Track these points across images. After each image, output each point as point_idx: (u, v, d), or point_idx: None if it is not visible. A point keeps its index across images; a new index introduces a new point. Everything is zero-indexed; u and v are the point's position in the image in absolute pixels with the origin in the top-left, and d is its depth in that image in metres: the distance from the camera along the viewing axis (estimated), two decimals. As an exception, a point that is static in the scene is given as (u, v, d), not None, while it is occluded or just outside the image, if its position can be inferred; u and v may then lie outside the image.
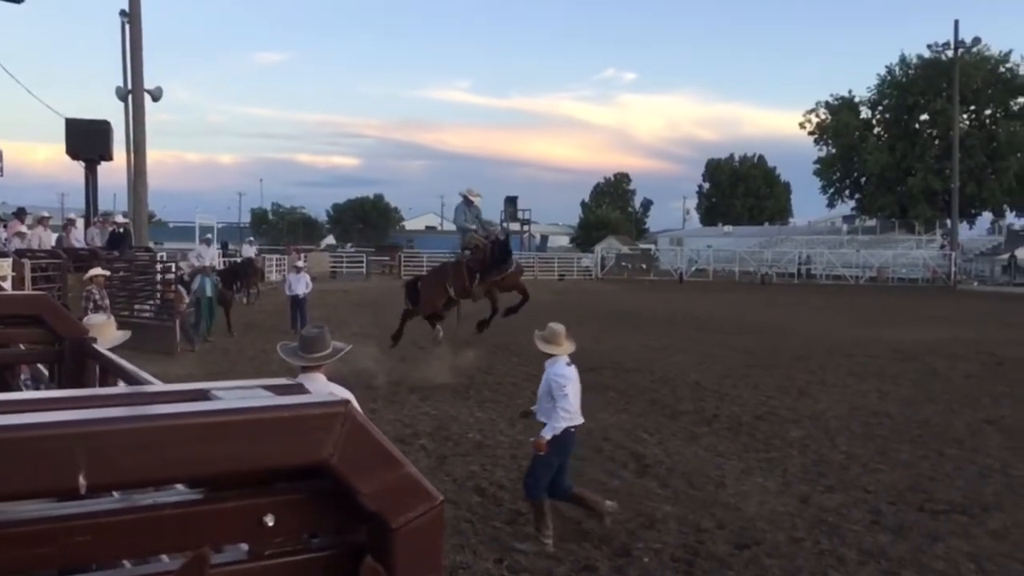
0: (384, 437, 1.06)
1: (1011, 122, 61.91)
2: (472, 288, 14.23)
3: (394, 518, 1.05)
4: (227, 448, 1.00)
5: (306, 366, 4.86)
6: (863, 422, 10.65)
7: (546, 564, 5.73)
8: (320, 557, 1.13)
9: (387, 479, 1.04)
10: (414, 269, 51.77)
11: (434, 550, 1.07)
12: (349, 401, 1.03)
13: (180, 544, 1.07)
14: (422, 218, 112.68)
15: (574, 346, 6.56)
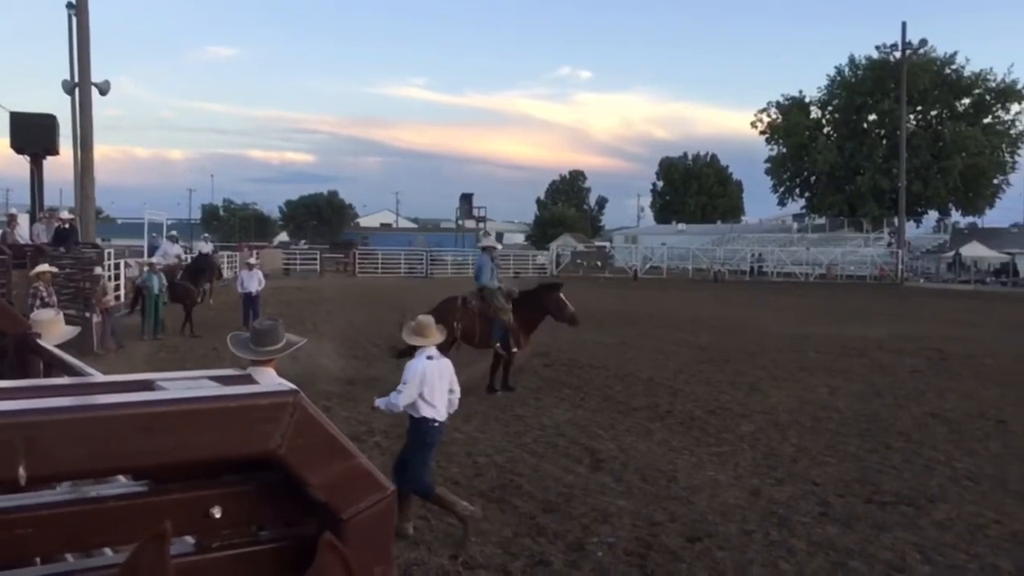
0: (334, 427, 1.05)
1: (956, 122, 63.46)
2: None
3: (344, 509, 1.04)
4: (172, 439, 0.99)
5: (256, 360, 4.74)
6: (812, 416, 10.83)
7: (501, 559, 5.74)
8: (269, 549, 1.12)
9: (337, 470, 1.03)
10: (369, 266, 51.54)
11: (384, 540, 1.07)
12: (298, 391, 1.02)
13: (124, 537, 1.05)
14: (377, 215, 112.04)
15: (443, 336, 6.64)
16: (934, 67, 64.23)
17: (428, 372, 6.27)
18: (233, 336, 5.05)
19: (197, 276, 19.96)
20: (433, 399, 6.26)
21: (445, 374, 6.43)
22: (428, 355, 6.39)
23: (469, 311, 12.68)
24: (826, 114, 70.45)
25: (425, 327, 6.50)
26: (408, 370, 6.33)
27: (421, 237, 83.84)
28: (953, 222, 68.53)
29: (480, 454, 8.60)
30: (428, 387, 6.23)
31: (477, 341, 12.64)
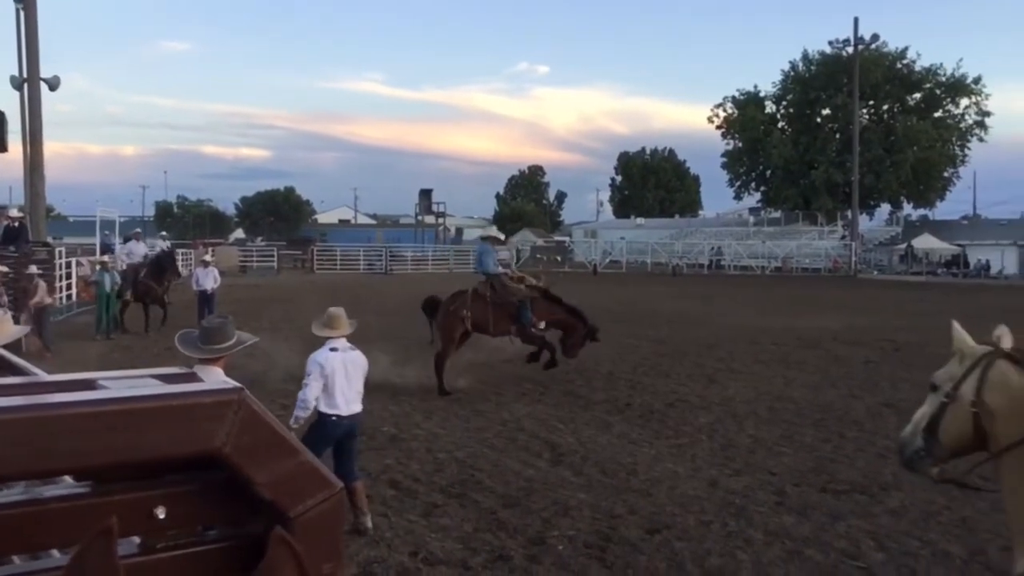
0: (281, 425, 1.04)
1: (907, 116, 64.60)
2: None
3: (292, 507, 1.03)
4: (114, 439, 0.97)
5: (205, 359, 4.66)
6: (768, 407, 10.98)
7: (462, 555, 5.74)
8: (216, 549, 1.10)
9: (283, 468, 1.02)
10: (328, 263, 51.14)
11: (334, 538, 1.06)
12: (243, 388, 1.00)
13: (67, 539, 1.03)
14: (335, 211, 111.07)
15: (352, 328, 6.46)
16: (886, 62, 65.27)
17: (328, 364, 6.13)
18: (181, 335, 4.95)
19: (161, 274, 19.41)
20: (333, 392, 6.09)
21: (353, 367, 6.25)
22: (332, 347, 6.24)
23: (480, 300, 12.53)
24: (781, 109, 71.28)
25: (335, 319, 6.37)
26: (309, 363, 6.21)
27: (380, 233, 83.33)
28: (905, 215, 69.80)
29: (440, 450, 8.59)
30: (328, 380, 6.09)
31: (492, 329, 12.53)
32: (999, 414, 3.06)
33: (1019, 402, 3.04)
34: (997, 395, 3.08)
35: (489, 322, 12.41)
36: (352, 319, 6.57)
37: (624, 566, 5.60)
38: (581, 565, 5.60)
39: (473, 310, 12.33)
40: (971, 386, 3.16)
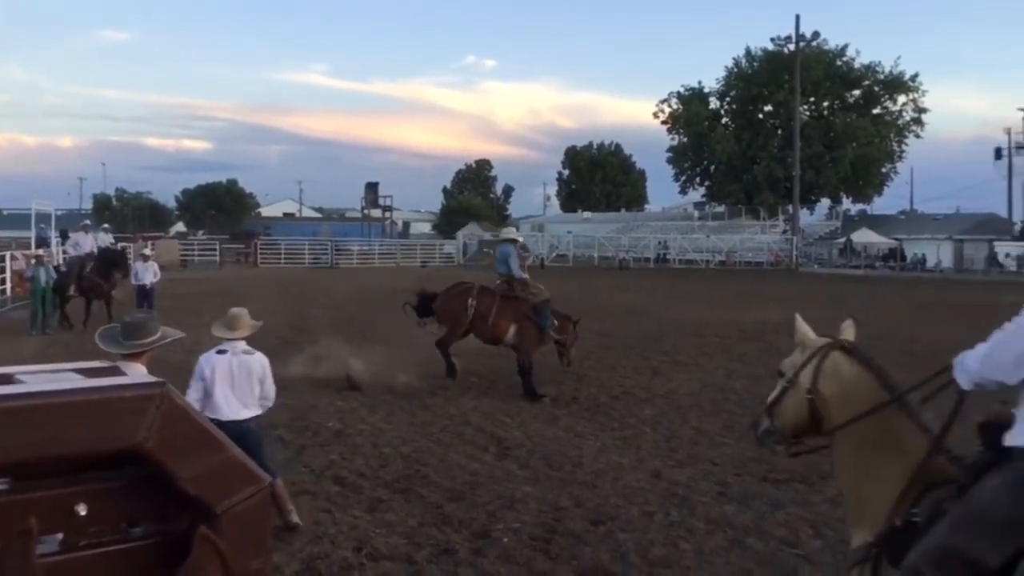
0: (206, 419, 1.02)
1: (847, 113, 65.95)
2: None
3: (217, 502, 1.01)
4: (32, 434, 0.94)
5: (127, 355, 4.55)
6: (711, 399, 11.14)
7: (406, 549, 5.72)
8: (141, 546, 1.08)
9: (208, 463, 1.00)
10: (271, 257, 50.46)
11: (261, 534, 1.04)
12: (165, 383, 0.98)
13: (-17, 539, 1.00)
14: (279, 204, 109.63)
15: (254, 329, 6.23)
16: (826, 59, 66.53)
17: (208, 366, 5.95)
18: (102, 331, 4.81)
19: (108, 270, 18.64)
20: (212, 395, 5.87)
21: (241, 371, 5.97)
22: (221, 349, 6.02)
23: (486, 293, 12.08)
24: (724, 105, 72.25)
25: (235, 320, 6.13)
26: (196, 364, 6.01)
27: (326, 227, 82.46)
28: (844, 209, 71.25)
29: (386, 445, 8.55)
30: (208, 383, 5.89)
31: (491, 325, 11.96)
32: (831, 400, 3.36)
33: (848, 390, 3.32)
34: (830, 383, 3.38)
35: (491, 317, 11.94)
36: (257, 320, 6.34)
37: (569, 558, 5.64)
38: (526, 557, 5.62)
39: (479, 300, 11.98)
40: (808, 374, 3.45)
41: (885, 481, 3.13)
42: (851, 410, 3.28)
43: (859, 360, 3.40)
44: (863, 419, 3.22)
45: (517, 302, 12.02)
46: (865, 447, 3.24)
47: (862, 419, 3.22)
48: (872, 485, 3.19)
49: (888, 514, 3.05)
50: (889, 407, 3.20)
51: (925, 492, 2.97)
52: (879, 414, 3.20)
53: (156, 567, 1.06)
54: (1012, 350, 2.72)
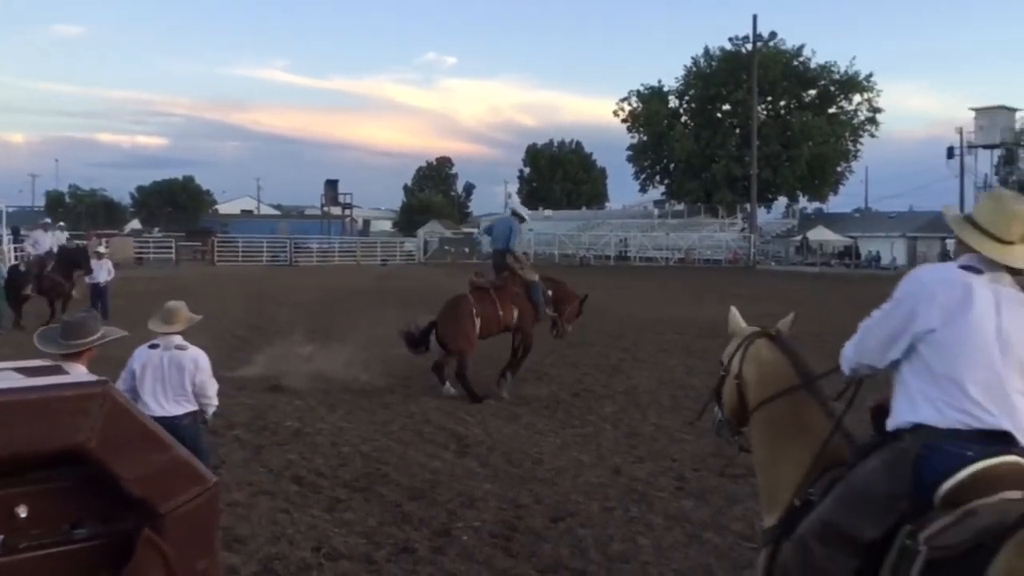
0: (149, 419, 1.00)
1: (803, 112, 66.84)
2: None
3: (162, 503, 0.99)
4: (-32, 436, 0.92)
5: (66, 354, 4.46)
6: (671, 395, 11.22)
7: (365, 548, 5.69)
8: (84, 548, 1.06)
9: (153, 463, 0.98)
10: (229, 255, 49.85)
11: (207, 534, 1.03)
12: (107, 381, 0.96)
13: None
14: (237, 201, 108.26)
15: (191, 323, 6.07)
16: (783, 59, 67.39)
17: (138, 361, 5.84)
18: (41, 332, 4.71)
19: (71, 269, 18.05)
20: (141, 391, 5.73)
21: (172, 367, 5.82)
22: (152, 343, 5.89)
23: (482, 294, 11.66)
24: (683, 104, 72.83)
25: (171, 313, 5.96)
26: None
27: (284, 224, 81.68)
28: (801, 208, 72.21)
29: (345, 444, 8.49)
30: (138, 379, 5.78)
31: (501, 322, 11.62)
32: (751, 383, 3.57)
33: (765, 372, 3.53)
34: (751, 367, 3.61)
35: (498, 314, 11.61)
36: (197, 314, 6.21)
37: (528, 554, 5.65)
38: (486, 555, 5.62)
39: (481, 308, 11.53)
40: (736, 361, 3.69)
41: (792, 463, 3.26)
42: (766, 393, 3.45)
43: (780, 347, 3.59)
44: (775, 402, 3.39)
45: (510, 285, 11.90)
46: (777, 431, 3.39)
47: (773, 401, 3.40)
48: (781, 467, 3.32)
49: (791, 496, 3.19)
50: (799, 391, 3.35)
51: (824, 473, 3.10)
52: (791, 398, 3.36)
53: (100, 569, 1.04)
54: (876, 336, 2.92)
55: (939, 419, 2.67)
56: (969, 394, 2.66)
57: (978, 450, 2.59)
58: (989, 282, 2.77)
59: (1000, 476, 2.57)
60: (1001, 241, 2.80)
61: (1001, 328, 2.71)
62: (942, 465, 2.60)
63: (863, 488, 2.76)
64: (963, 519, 2.47)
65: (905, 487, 2.65)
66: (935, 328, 2.74)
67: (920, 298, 2.80)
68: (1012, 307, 2.75)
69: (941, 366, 2.72)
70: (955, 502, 2.56)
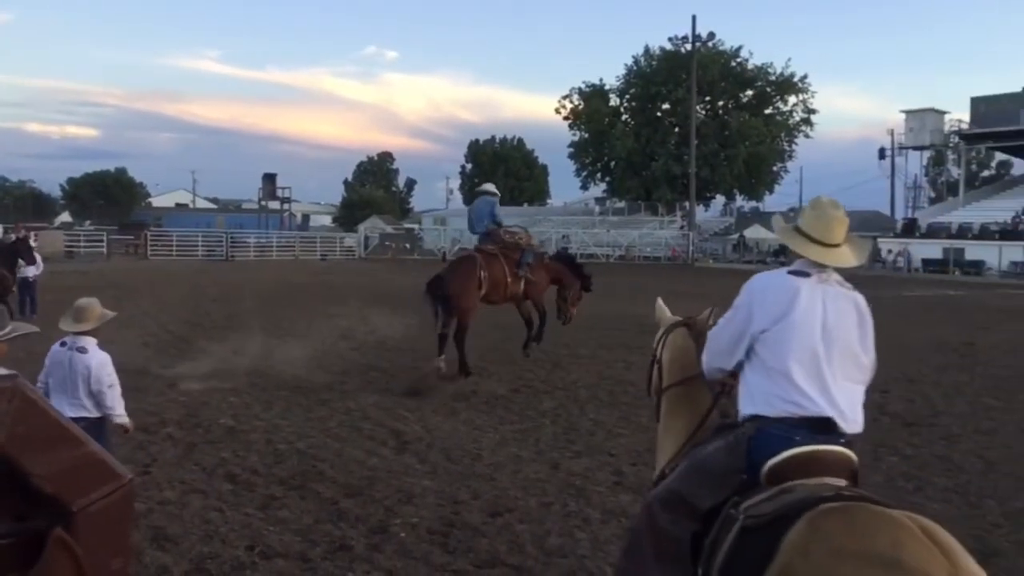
0: (61, 415, 0.97)
1: (740, 112, 67.94)
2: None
3: (74, 500, 0.96)
4: None
5: None
6: (609, 391, 11.31)
7: (300, 547, 5.61)
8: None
9: (65, 459, 0.95)
10: (163, 249, 48.80)
11: (122, 532, 1.00)
12: (17, 375, 0.93)
13: None
14: (171, 194, 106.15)
15: (103, 320, 5.89)
16: (721, 60, 68.38)
17: (50, 360, 5.68)
18: None
19: (13, 262, 17.44)
20: (50, 391, 5.53)
21: (73, 367, 5.64)
22: (62, 341, 5.70)
23: (491, 258, 11.57)
24: (624, 102, 73.44)
25: (81, 311, 5.77)
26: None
27: (221, 218, 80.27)
28: (738, 206, 73.53)
29: (281, 441, 8.37)
30: (48, 377, 5.63)
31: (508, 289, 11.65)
32: (665, 366, 3.97)
33: (677, 356, 3.90)
34: (667, 352, 4.02)
35: (506, 279, 11.59)
36: (112, 311, 6.01)
37: (466, 550, 5.64)
38: (423, 551, 5.60)
39: (489, 269, 11.48)
40: (658, 347, 4.12)
41: (674, 437, 3.66)
42: (674, 377, 3.86)
43: (693, 336, 3.93)
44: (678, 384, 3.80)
45: (514, 255, 11.88)
46: (673, 408, 3.81)
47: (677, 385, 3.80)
48: (667, 440, 3.75)
49: (665, 466, 3.56)
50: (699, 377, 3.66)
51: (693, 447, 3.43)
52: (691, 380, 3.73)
53: (12, 567, 1.01)
54: (722, 341, 3.28)
55: (770, 409, 2.98)
56: (796, 385, 2.96)
57: (804, 435, 2.90)
58: (816, 283, 3.11)
59: (822, 461, 2.88)
60: (826, 245, 3.15)
61: (827, 323, 3.02)
62: (769, 447, 2.92)
63: (705, 464, 3.11)
64: (778, 495, 2.73)
65: (738, 465, 2.97)
66: (767, 328, 3.06)
67: (754, 303, 3.16)
68: (837, 303, 3.08)
69: (772, 362, 3.03)
70: (778, 479, 2.84)
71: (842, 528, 2.44)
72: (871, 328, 3.14)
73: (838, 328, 3.04)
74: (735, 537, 2.71)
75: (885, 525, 2.42)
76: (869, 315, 3.15)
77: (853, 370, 3.06)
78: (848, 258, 3.18)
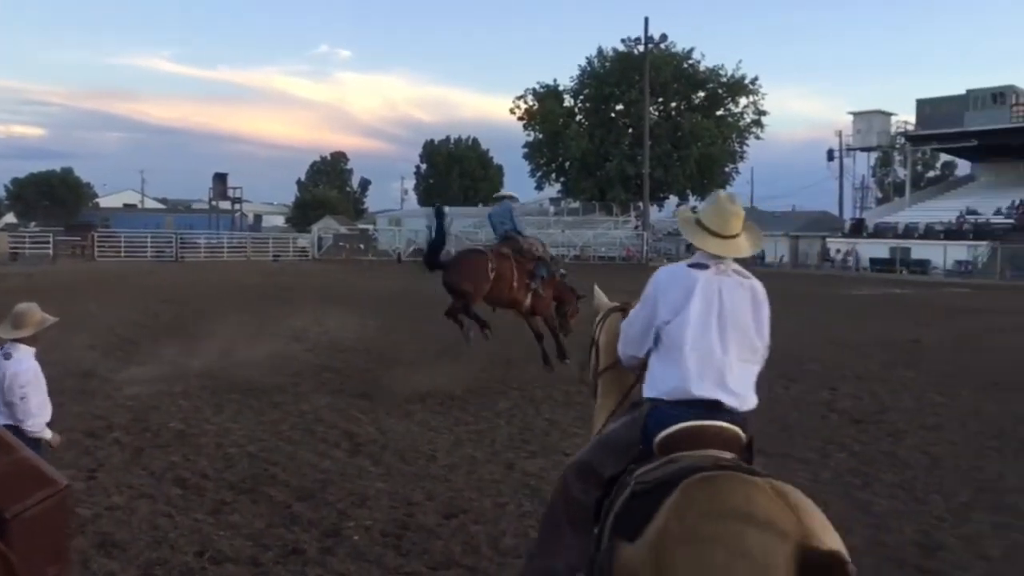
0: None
1: (693, 114, 68.63)
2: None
3: (8, 506, 0.94)
4: None
5: None
6: (564, 391, 11.33)
7: (252, 552, 5.54)
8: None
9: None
10: (111, 250, 47.86)
11: (58, 539, 0.97)
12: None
13: None
14: (120, 195, 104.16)
15: (42, 326, 5.67)
16: (674, 61, 69.00)
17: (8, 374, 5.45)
18: None
19: None
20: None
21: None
22: (5, 351, 5.50)
23: (503, 257, 11.48)
24: (578, 103, 73.73)
25: (19, 317, 5.56)
26: None
27: (170, 219, 78.98)
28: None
29: (232, 445, 8.25)
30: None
31: (513, 290, 11.56)
32: (602, 350, 4.20)
33: (612, 340, 4.04)
34: (603, 335, 4.25)
35: (513, 280, 11.54)
36: (57, 315, 5.83)
37: (420, 552, 5.62)
38: (377, 554, 5.56)
39: (499, 265, 11.44)
40: (597, 331, 4.35)
41: (606, 413, 3.97)
42: (609, 360, 4.07)
43: None
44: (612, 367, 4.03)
45: (528, 264, 11.87)
46: (606, 389, 4.09)
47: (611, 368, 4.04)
48: (599, 416, 4.06)
49: None
50: None
51: None
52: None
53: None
54: (632, 332, 3.60)
55: (667, 391, 3.32)
56: (689, 371, 3.27)
57: (692, 413, 3.23)
58: (714, 274, 3.37)
59: (707, 435, 3.21)
60: (723, 237, 3.41)
61: (722, 311, 3.32)
62: (661, 422, 3.27)
63: (610, 438, 3.50)
64: (665, 464, 3.06)
65: (636, 438, 3.34)
66: (668, 319, 3.36)
67: (658, 295, 3.44)
68: (733, 291, 3.36)
69: (671, 349, 3.34)
70: (667, 451, 3.18)
71: (709, 494, 2.74)
72: (766, 314, 3.42)
73: (733, 314, 3.33)
74: (625, 500, 3.03)
75: (742, 487, 2.74)
76: (765, 302, 3.43)
77: (747, 352, 3.36)
78: (744, 248, 3.44)
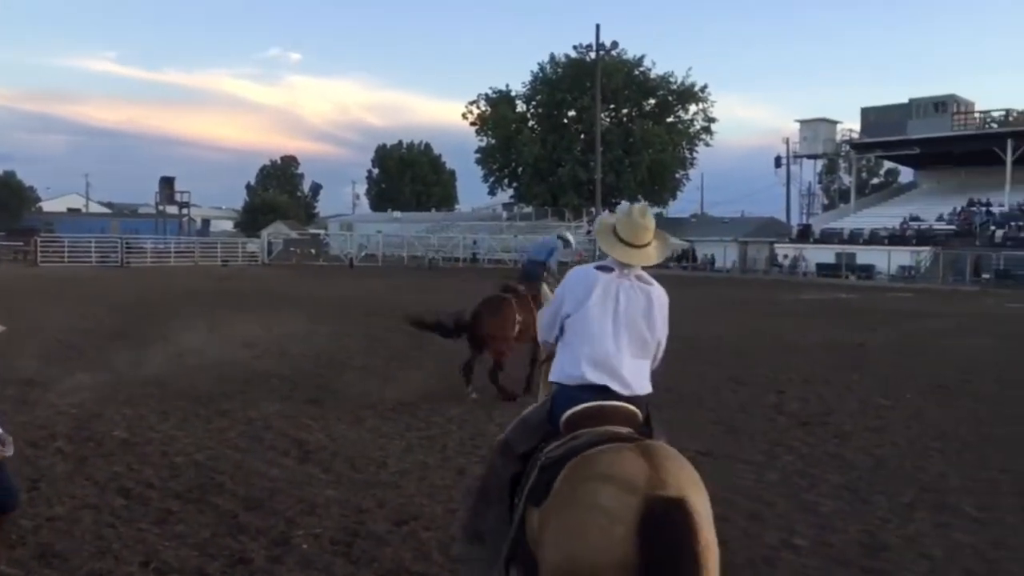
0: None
1: (644, 120, 69.47)
2: None
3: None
4: None
5: None
6: (517, 396, 11.32)
7: (198, 562, 5.43)
8: None
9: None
10: (54, 255, 46.78)
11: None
12: None
13: None
14: (63, 199, 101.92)
15: None
16: (625, 68, 69.73)
17: None
18: None
19: None
20: None
21: None
22: None
23: (524, 303, 11.27)
24: (530, 109, 74.12)
25: None
26: None
27: (115, 223, 77.47)
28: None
29: (178, 453, 8.09)
30: None
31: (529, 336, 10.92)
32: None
33: None
34: None
35: (531, 324, 11.35)
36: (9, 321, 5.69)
37: (370, 560, 5.56)
38: (326, 562, 5.49)
39: (522, 313, 11.13)
40: None
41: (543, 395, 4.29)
42: None
43: None
44: None
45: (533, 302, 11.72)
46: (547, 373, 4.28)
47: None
48: (540, 397, 4.36)
49: None
50: None
51: None
52: None
53: None
54: (545, 322, 4.04)
55: (567, 376, 3.72)
56: (584, 359, 3.66)
57: (589, 396, 3.63)
58: (616, 277, 3.78)
59: (606, 412, 3.60)
60: (634, 246, 3.81)
61: (618, 310, 3.71)
62: (564, 404, 3.69)
63: (527, 418, 3.90)
64: (568, 441, 3.45)
65: (545, 418, 3.75)
66: (571, 313, 3.77)
67: (566, 292, 3.85)
68: (630, 294, 3.76)
69: (572, 340, 3.75)
70: (571, 428, 3.56)
71: (592, 462, 3.17)
72: (661, 316, 3.85)
73: (627, 314, 3.72)
74: (535, 473, 3.43)
75: (612, 455, 3.17)
76: (661, 305, 3.85)
77: (639, 349, 3.77)
78: (652, 257, 3.88)
